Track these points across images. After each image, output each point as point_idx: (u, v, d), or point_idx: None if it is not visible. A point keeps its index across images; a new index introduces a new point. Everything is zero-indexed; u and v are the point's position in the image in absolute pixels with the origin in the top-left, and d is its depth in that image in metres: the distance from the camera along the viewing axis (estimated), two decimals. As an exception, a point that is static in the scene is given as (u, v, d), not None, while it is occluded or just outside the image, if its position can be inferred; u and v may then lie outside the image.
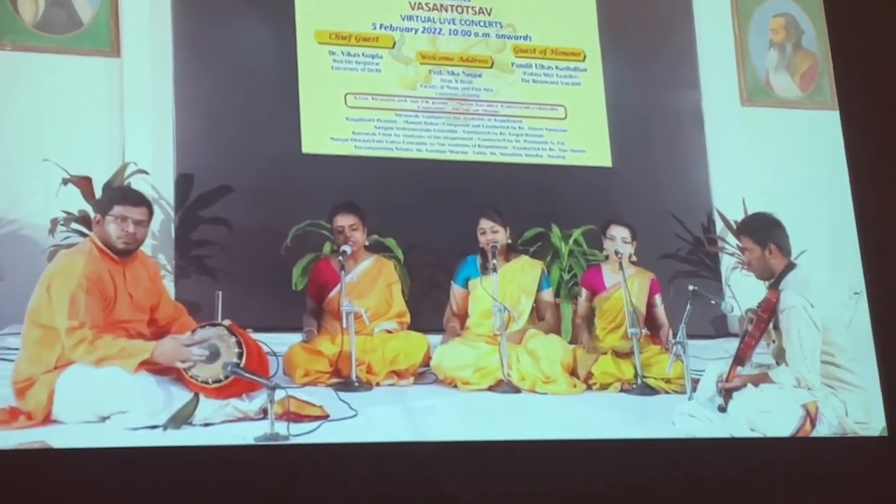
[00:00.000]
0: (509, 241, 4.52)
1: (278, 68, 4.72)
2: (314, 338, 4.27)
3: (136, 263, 3.82)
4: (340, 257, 4.29)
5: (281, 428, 3.52)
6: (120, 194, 3.98)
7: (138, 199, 3.83)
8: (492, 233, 4.48)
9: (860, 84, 4.66)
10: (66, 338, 3.53)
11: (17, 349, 3.65)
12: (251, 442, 3.50)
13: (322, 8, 4.75)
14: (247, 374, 3.62)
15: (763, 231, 4.12)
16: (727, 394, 3.93)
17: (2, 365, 3.75)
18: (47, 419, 3.52)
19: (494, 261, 4.41)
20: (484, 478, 3.50)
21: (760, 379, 3.90)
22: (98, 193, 4.13)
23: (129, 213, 3.74)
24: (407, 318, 4.43)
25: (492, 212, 4.49)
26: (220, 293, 3.95)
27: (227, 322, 3.76)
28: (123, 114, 4.48)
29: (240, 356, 3.64)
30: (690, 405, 3.98)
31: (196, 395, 3.60)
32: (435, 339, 4.40)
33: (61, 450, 3.36)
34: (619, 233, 4.54)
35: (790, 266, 4.03)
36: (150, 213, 3.84)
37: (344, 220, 4.37)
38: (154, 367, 3.60)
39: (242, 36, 4.77)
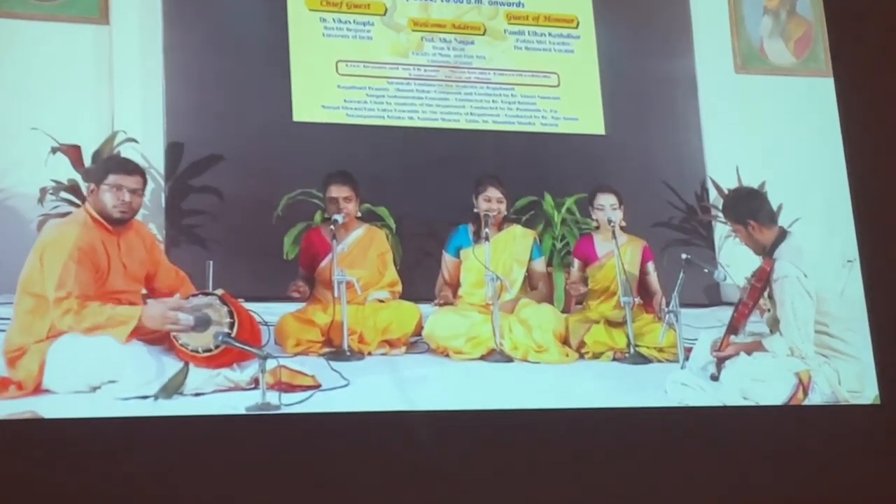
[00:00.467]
0: (505, 214, 4.52)
1: (269, 35, 4.66)
2: (303, 294, 4.25)
3: (131, 233, 3.82)
4: (332, 226, 4.27)
5: (272, 398, 3.52)
6: (115, 163, 3.97)
7: (133, 168, 3.85)
8: (497, 203, 4.46)
9: (854, 51, 4.62)
10: (53, 308, 3.52)
11: (7, 319, 3.63)
12: (242, 412, 3.50)
13: (313, -26, 4.71)
14: (238, 344, 3.62)
15: (738, 209, 4.13)
16: (720, 362, 3.94)
17: (-7, 334, 3.74)
18: (38, 389, 3.51)
19: (487, 229, 4.40)
20: (475, 447, 3.50)
21: (753, 347, 3.91)
22: (87, 162, 4.10)
23: (125, 182, 3.74)
24: (399, 288, 4.41)
25: (499, 183, 4.47)
26: (212, 263, 3.96)
27: (219, 291, 3.76)
28: (113, 82, 4.43)
29: (231, 326, 3.65)
30: (683, 374, 3.99)
31: (186, 365, 3.59)
32: (427, 308, 4.38)
33: (51, 420, 3.37)
34: (607, 200, 4.52)
35: (783, 234, 4.02)
36: (145, 181, 3.87)
37: (338, 191, 4.33)
38: (146, 336, 3.60)
39: (233, 3, 4.73)
